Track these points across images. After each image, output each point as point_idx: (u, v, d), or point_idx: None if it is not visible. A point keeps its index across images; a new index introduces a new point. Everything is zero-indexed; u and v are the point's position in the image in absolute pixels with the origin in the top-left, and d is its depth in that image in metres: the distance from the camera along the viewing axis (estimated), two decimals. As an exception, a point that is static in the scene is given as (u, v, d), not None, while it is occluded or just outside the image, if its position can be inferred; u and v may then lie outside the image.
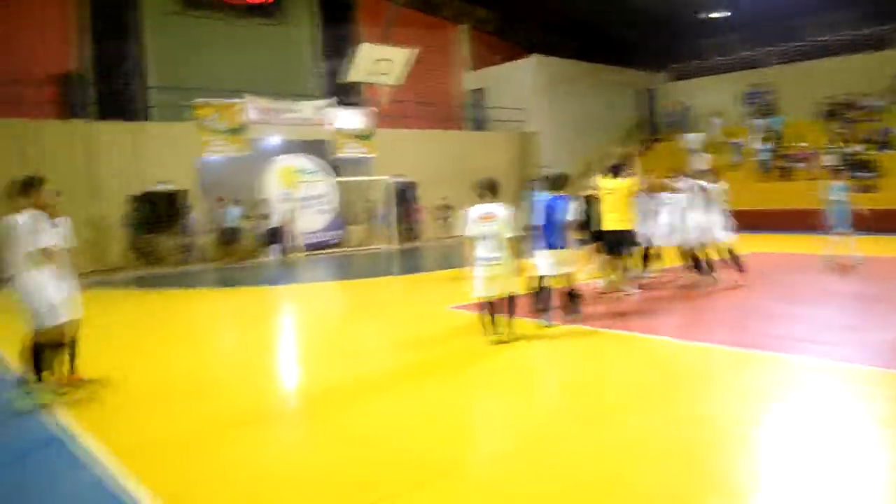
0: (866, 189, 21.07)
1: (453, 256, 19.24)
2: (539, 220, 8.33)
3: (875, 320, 8.22)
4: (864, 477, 4.06)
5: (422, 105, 25.97)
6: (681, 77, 32.08)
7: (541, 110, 27.99)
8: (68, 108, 19.25)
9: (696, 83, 31.05)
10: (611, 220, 10.01)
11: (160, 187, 18.96)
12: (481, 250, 7.54)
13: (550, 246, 8.20)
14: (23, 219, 5.95)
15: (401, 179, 23.89)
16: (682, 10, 28.17)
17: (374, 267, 18.08)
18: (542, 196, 8.50)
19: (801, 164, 23.46)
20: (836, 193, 12.46)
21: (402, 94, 22.96)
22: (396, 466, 4.41)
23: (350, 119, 22.47)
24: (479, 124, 29.62)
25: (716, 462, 4.34)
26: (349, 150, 22.46)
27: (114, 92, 20.44)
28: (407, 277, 15.77)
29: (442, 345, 8.02)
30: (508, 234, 7.51)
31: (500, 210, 7.57)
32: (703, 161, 21.72)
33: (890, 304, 9.16)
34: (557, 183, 8.49)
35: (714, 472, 4.18)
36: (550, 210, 8.24)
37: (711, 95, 29.84)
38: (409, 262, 18.97)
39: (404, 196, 24.39)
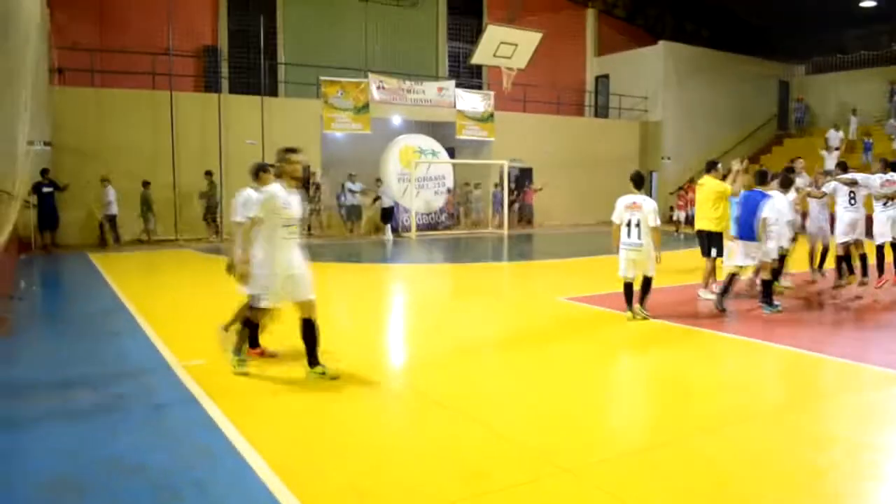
0: None
1: (566, 244, 19.15)
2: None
3: None
4: None
5: (544, 89, 25.66)
6: (820, 70, 30.25)
7: (666, 99, 27.11)
8: (204, 81, 20.18)
9: (837, 77, 29.22)
10: (697, 219, 10.11)
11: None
12: (626, 236, 8.43)
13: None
14: (276, 189, 5.78)
15: (517, 164, 23.76)
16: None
17: (485, 251, 18.08)
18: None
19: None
20: None
21: (525, 77, 22.74)
22: (511, 457, 4.38)
23: (471, 101, 22.49)
24: (602, 111, 29.00)
25: (837, 486, 4.07)
26: (469, 133, 22.51)
27: (246, 66, 21.27)
28: (518, 264, 15.65)
29: (558, 337, 7.91)
30: (652, 223, 8.26)
31: (645, 201, 8.40)
32: (834, 160, 20.44)
33: None
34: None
35: (835, 497, 3.92)
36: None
37: (852, 91, 28.00)
38: (521, 248, 18.83)
39: (520, 181, 24.28)
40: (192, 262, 14.99)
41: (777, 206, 9.03)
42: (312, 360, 5.91)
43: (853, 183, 10.34)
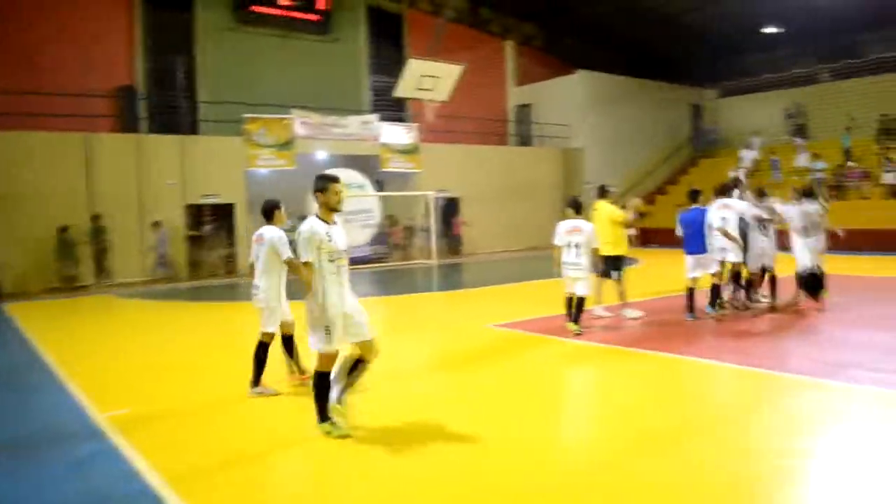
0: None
1: (494, 272, 19.35)
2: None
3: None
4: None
5: (468, 120, 26.03)
6: (728, 94, 31.62)
7: (586, 126, 27.84)
8: (122, 122, 19.73)
9: (744, 100, 30.58)
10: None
11: (206, 200, 19.39)
12: (567, 257, 9.13)
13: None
14: (315, 224, 5.36)
15: (444, 194, 23.97)
16: (732, 25, 27.77)
17: (415, 282, 18.09)
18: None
19: (854, 183, 23.00)
20: None
21: (448, 108, 23.03)
22: (449, 485, 4.36)
23: (396, 134, 22.63)
24: (525, 140, 29.56)
25: (770, 496, 4.21)
26: (394, 165, 22.61)
27: (166, 106, 20.89)
28: (447, 294, 15.69)
29: (487, 363, 7.95)
30: (594, 245, 9.24)
31: (585, 225, 9.24)
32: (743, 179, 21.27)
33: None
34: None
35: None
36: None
37: (758, 112, 29.34)
38: (451, 278, 18.91)
39: (447, 211, 24.46)
40: (115, 308, 14.53)
41: (719, 214, 9.90)
42: (340, 398, 5.49)
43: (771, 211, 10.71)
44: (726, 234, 9.89)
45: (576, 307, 9.24)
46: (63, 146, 17.37)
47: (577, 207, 9.41)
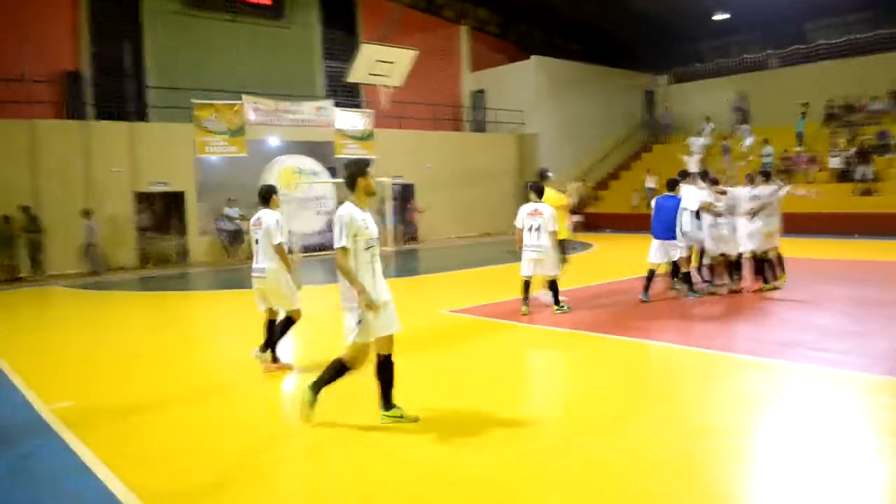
0: (867, 192, 21.19)
1: (449, 258, 19.36)
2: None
3: (878, 327, 8.19)
4: (861, 488, 4.01)
5: (422, 106, 25.95)
6: (681, 80, 32.03)
7: (541, 112, 27.95)
8: (68, 108, 19.19)
9: (696, 86, 31.01)
10: None
11: (155, 188, 19.01)
12: (528, 239, 9.43)
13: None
14: (353, 210, 5.18)
15: (399, 181, 23.89)
16: (684, 12, 28.15)
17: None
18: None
19: (802, 168, 23.53)
20: None
21: (402, 94, 22.90)
22: (398, 473, 4.36)
23: (350, 120, 22.43)
24: (480, 126, 29.59)
25: (715, 474, 4.30)
26: (349, 152, 22.41)
27: (113, 92, 20.37)
28: (402, 280, 15.62)
29: (440, 349, 7.96)
30: (551, 228, 9.33)
31: (545, 208, 9.41)
32: (695, 165, 21.62)
33: (890, 309, 9.15)
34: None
35: (713, 484, 4.14)
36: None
37: (710, 98, 29.78)
38: (406, 265, 18.85)
39: (403, 197, 24.39)
40: (57, 300, 14.17)
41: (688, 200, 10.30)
42: (388, 402, 5.34)
43: (723, 193, 10.89)
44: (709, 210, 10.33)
45: (550, 289, 9.65)
46: (6, 133, 16.83)
47: (539, 191, 9.63)
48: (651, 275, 10.34)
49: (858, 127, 24.33)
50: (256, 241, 7.15)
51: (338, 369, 5.29)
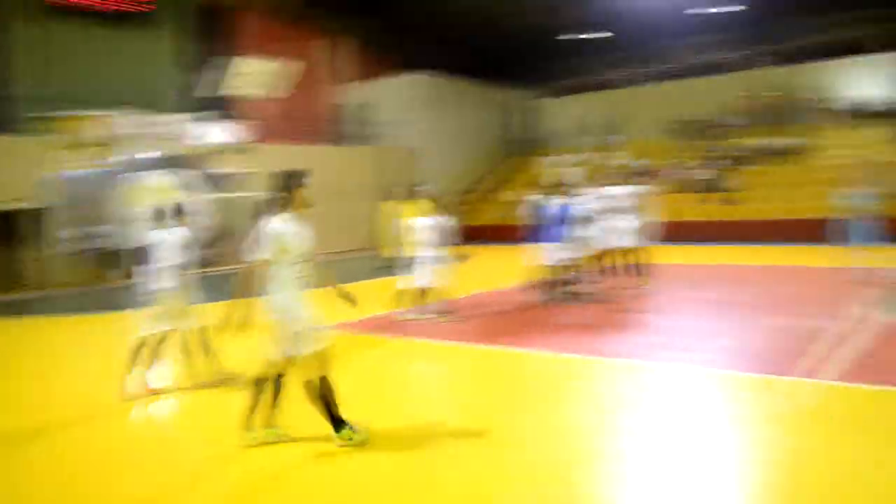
0: (728, 202, 22.65)
1: (323, 273, 18.98)
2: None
3: (732, 326, 8.71)
4: (721, 475, 4.23)
5: (298, 119, 25.56)
6: (555, 95, 33.14)
7: (420, 126, 28.16)
8: None
9: (569, 101, 32.15)
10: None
11: (8, 206, 17.77)
12: (426, 251, 9.71)
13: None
14: (287, 225, 5.04)
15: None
16: (556, 31, 29.17)
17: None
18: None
19: (668, 179, 24.83)
20: None
21: (280, 107, 22.49)
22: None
23: (222, 134, 21.77)
24: (358, 139, 29.45)
25: (583, 474, 4.42)
26: (220, 166, 21.74)
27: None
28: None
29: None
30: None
31: (433, 220, 9.85)
32: (572, 176, 22.39)
33: (746, 309, 9.77)
34: None
35: (581, 484, 4.25)
36: None
37: (579, 114, 30.96)
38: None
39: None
40: None
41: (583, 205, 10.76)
42: (336, 422, 5.08)
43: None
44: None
45: (421, 297, 9.89)
46: None
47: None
48: (545, 279, 10.75)
49: (717, 140, 26.02)
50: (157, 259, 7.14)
51: (325, 388, 5.05)
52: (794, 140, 24.30)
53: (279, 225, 4.95)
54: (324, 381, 5.02)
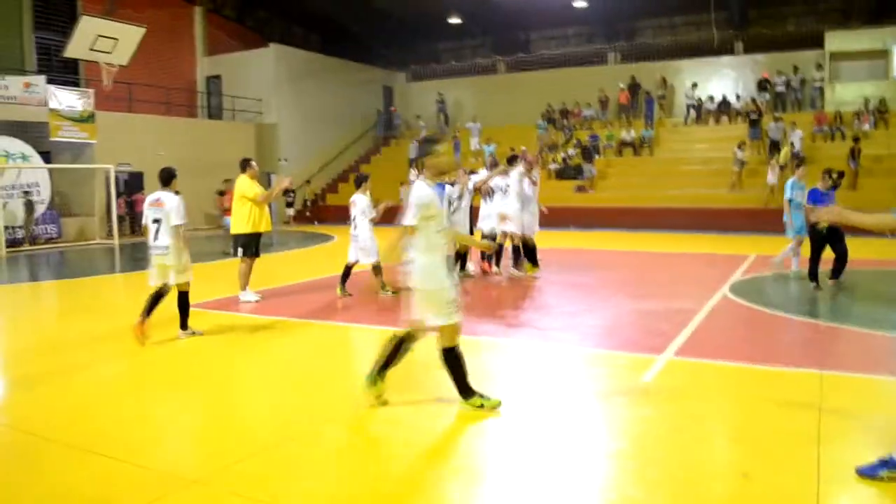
0: (582, 189, 23.63)
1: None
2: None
3: (588, 307, 9.14)
4: (580, 444, 4.44)
5: (153, 89, 24.29)
6: (419, 78, 33.26)
7: (280, 102, 27.45)
8: None
9: (433, 85, 32.37)
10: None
11: None
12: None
13: None
14: (431, 191, 4.91)
15: (126, 169, 22.15)
16: (421, 12, 29.26)
17: (91, 265, 16.38)
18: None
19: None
20: None
21: (130, 75, 21.22)
22: (133, 481, 4.01)
23: (67, 99, 20.34)
24: (215, 112, 28.36)
25: (456, 445, 4.52)
26: (66, 135, 20.31)
27: None
28: (129, 276, 14.41)
29: (170, 348, 7.46)
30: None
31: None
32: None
33: (603, 291, 10.27)
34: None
35: (457, 456, 4.33)
36: None
37: (448, 97, 31.33)
38: (133, 260, 17.41)
39: (129, 187, 22.62)
40: None
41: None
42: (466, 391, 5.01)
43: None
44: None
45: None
46: None
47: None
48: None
49: (574, 131, 27.11)
50: (155, 221, 7.58)
51: (454, 355, 4.98)
52: (643, 133, 25.71)
53: (426, 191, 4.84)
54: (455, 350, 4.97)
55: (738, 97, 26.06)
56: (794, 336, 7.70)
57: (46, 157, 20.67)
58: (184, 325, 7.62)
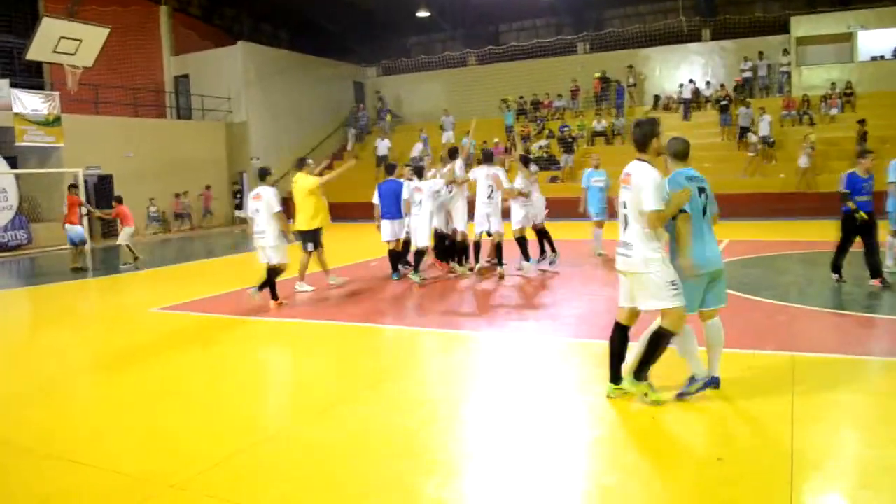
0: (554, 179, 23.67)
1: (153, 253, 18.06)
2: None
3: (564, 299, 9.18)
4: (560, 434, 4.47)
5: (120, 90, 23.99)
6: (389, 72, 33.13)
7: (249, 100, 27.20)
8: None
9: (404, 79, 32.27)
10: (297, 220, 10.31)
11: None
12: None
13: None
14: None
15: (95, 171, 21.86)
16: (390, 6, 29.12)
17: (63, 270, 16.11)
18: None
19: (499, 157, 25.58)
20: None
21: (96, 76, 20.93)
22: (110, 488, 3.98)
23: (31, 103, 19.98)
24: (185, 112, 28.04)
25: (427, 441, 4.51)
26: (31, 139, 19.96)
27: None
28: (105, 279, 14.25)
29: (150, 352, 7.40)
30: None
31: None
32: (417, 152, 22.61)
33: (576, 280, 10.32)
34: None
35: (432, 451, 4.33)
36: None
37: (416, 91, 31.27)
38: (106, 262, 17.22)
39: (100, 189, 22.32)
40: None
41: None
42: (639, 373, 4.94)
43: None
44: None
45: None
46: None
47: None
48: (393, 254, 11.02)
49: (545, 122, 27.17)
50: (257, 210, 8.93)
51: (658, 342, 4.86)
52: (614, 122, 25.82)
53: (657, 173, 4.74)
54: (666, 335, 4.83)
55: (708, 84, 26.27)
56: (766, 320, 7.78)
57: (13, 162, 20.35)
58: (261, 288, 8.95)
